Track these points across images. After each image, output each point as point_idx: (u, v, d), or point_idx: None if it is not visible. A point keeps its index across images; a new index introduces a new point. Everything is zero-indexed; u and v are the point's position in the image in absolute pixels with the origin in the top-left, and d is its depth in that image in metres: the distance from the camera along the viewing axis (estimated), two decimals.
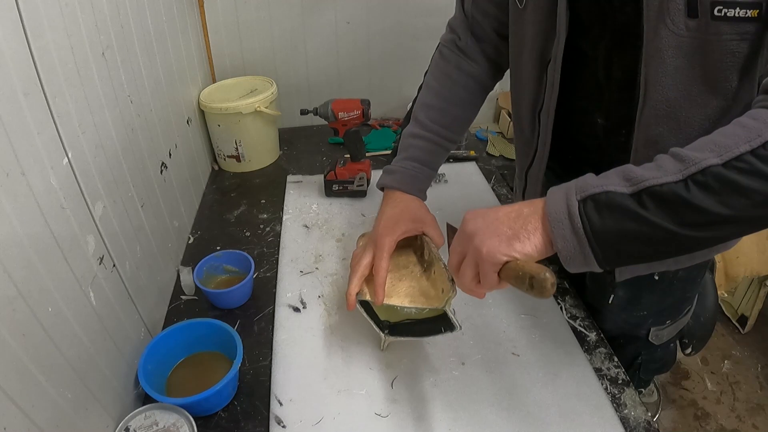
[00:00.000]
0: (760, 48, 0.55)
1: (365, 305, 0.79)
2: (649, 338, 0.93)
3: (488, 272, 0.56)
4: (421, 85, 0.92)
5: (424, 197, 0.87)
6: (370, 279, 0.78)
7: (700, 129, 0.62)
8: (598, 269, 0.52)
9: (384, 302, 0.75)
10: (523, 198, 0.90)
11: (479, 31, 0.86)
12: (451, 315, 0.71)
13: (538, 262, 0.54)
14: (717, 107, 0.60)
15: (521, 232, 0.54)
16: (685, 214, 0.47)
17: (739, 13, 0.53)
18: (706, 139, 0.48)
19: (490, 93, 0.93)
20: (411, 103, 0.92)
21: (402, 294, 0.77)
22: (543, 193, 0.88)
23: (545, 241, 0.54)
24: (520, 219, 0.55)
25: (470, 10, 0.85)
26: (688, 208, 0.46)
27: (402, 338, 0.80)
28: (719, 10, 0.53)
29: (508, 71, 0.86)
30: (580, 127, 0.77)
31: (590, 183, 0.51)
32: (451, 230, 0.77)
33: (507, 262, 0.55)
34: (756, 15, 0.52)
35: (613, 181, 0.50)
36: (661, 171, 0.48)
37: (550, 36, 0.70)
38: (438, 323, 0.75)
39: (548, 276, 0.50)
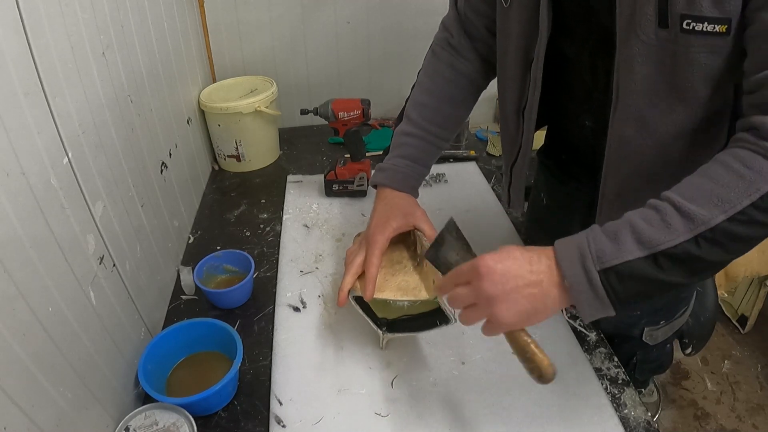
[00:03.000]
0: (729, 61, 0.56)
1: (360, 302, 0.79)
2: (643, 338, 0.93)
3: (495, 331, 0.58)
4: (415, 83, 0.92)
5: (415, 194, 0.87)
6: (363, 276, 0.78)
7: (666, 133, 0.64)
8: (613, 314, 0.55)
9: (376, 296, 0.75)
10: (509, 194, 0.90)
11: (472, 29, 0.86)
12: (444, 306, 0.71)
13: None
14: (684, 114, 0.61)
15: (541, 308, 0.55)
16: (696, 267, 0.51)
17: (707, 27, 0.53)
18: (706, 189, 0.51)
19: (490, 92, 0.93)
20: (405, 102, 0.92)
21: (395, 288, 0.77)
22: (548, 196, 0.88)
23: (561, 306, 0.56)
24: (540, 293, 0.55)
25: (463, 8, 0.85)
26: (700, 262, 0.51)
27: (400, 335, 0.80)
28: (688, 24, 0.54)
29: None
30: (571, 128, 0.78)
31: (606, 251, 0.52)
32: (454, 231, 0.73)
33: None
34: (725, 30, 0.53)
35: (628, 248, 0.52)
36: (671, 231, 0.51)
37: (533, 35, 0.70)
38: (433, 317, 0.75)
39: (551, 374, 0.56)
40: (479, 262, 0.56)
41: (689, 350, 1.15)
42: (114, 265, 0.74)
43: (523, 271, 0.55)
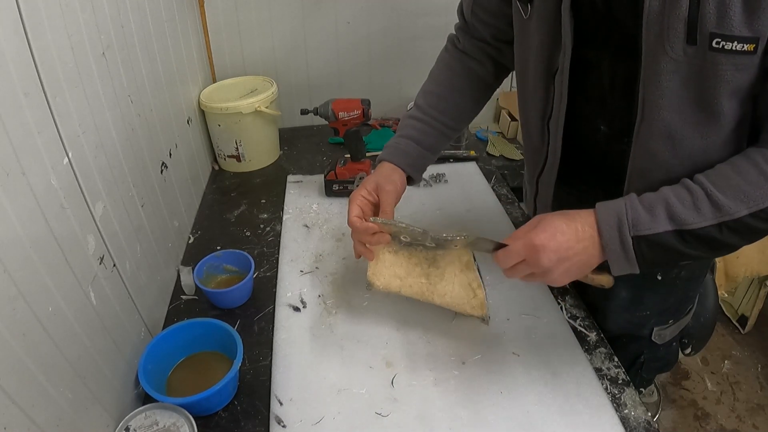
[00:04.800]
0: (753, 77, 0.57)
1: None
2: (652, 338, 0.93)
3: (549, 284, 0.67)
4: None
5: (416, 174, 0.88)
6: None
7: (692, 146, 0.64)
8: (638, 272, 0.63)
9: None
10: (535, 204, 0.91)
11: (479, 36, 0.88)
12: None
13: None
14: (711, 128, 0.62)
15: (585, 268, 0.65)
16: (716, 247, 0.60)
17: (736, 47, 0.54)
18: (735, 184, 0.58)
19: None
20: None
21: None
22: (554, 200, 0.89)
23: (600, 261, 0.64)
24: (586, 257, 0.63)
25: (470, 18, 0.87)
26: (720, 243, 0.59)
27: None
28: (717, 42, 0.55)
29: (512, 73, 0.87)
30: (584, 133, 0.78)
31: (641, 221, 0.60)
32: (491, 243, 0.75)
33: None
34: (752, 49, 0.54)
35: (661, 224, 0.60)
36: (700, 215, 0.59)
37: (555, 46, 0.71)
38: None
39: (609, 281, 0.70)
40: (534, 241, 0.62)
41: (689, 350, 1.15)
42: (114, 265, 0.74)
43: (571, 242, 0.63)
